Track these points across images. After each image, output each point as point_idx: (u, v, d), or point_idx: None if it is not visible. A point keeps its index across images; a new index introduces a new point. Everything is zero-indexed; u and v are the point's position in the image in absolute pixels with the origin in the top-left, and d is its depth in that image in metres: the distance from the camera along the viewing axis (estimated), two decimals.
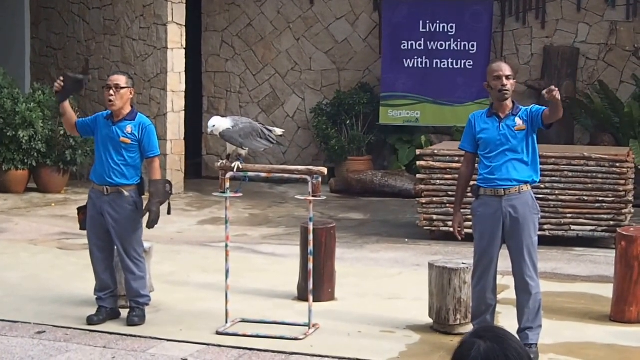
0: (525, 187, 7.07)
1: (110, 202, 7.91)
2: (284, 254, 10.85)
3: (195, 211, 14.11)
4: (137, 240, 8.04)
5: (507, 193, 7.05)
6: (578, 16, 15.74)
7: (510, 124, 7.09)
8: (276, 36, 17.19)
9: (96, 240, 8.00)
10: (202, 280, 9.52)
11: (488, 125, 7.18)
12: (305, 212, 8.43)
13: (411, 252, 11.18)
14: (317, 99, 16.85)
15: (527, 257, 7.03)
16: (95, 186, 7.98)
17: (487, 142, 7.17)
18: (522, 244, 7.02)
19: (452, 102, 15.92)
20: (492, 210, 7.08)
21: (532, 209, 7.08)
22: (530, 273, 7.05)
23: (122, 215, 7.92)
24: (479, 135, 7.21)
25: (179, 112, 15.60)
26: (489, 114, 7.22)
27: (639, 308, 8.17)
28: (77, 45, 17.09)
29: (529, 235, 7.04)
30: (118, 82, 7.98)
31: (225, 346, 7.49)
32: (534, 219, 7.09)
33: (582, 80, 15.62)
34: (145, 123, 8.04)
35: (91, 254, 8.05)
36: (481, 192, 7.19)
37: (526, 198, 7.06)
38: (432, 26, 15.99)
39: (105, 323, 7.99)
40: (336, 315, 8.33)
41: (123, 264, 8.00)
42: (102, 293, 8.06)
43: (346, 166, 16.07)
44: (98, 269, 8.04)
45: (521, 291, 7.12)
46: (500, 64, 7.33)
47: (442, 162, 11.72)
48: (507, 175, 7.05)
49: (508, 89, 7.10)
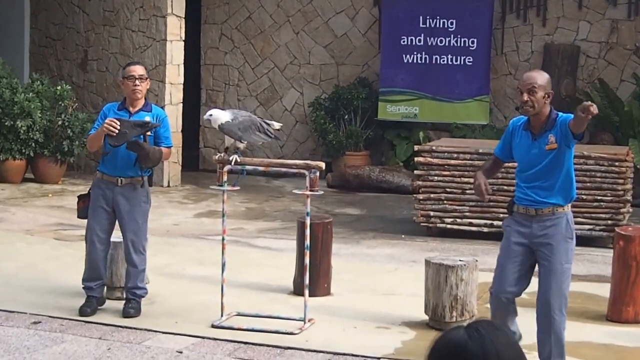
0: (561, 209, 6.53)
1: (124, 193, 7.91)
2: (280, 248, 10.84)
3: (192, 204, 14.09)
4: (145, 234, 8.07)
5: (538, 213, 6.54)
6: (579, 14, 15.71)
7: (542, 143, 6.52)
8: (275, 30, 17.16)
9: (98, 232, 7.99)
10: (197, 273, 9.50)
11: (522, 140, 6.63)
12: (302, 206, 8.44)
13: (408, 248, 11.17)
14: (316, 93, 16.82)
15: (553, 284, 6.48)
16: (107, 177, 7.94)
17: (519, 160, 6.73)
18: (551, 270, 6.49)
19: (451, 99, 15.89)
20: (522, 229, 6.61)
21: (566, 234, 6.54)
22: (557, 305, 6.49)
23: (135, 208, 7.93)
24: (514, 149, 6.74)
25: (177, 104, 15.57)
26: (525, 127, 6.65)
27: (636, 308, 8.17)
28: (76, 36, 17.05)
29: (559, 262, 6.50)
30: (142, 73, 8.00)
31: (220, 339, 7.49)
32: (566, 245, 6.54)
33: (582, 79, 15.60)
34: (161, 115, 8.12)
35: (91, 244, 8.02)
36: (514, 208, 6.72)
37: (560, 221, 6.53)
38: (432, 22, 15.95)
39: (101, 314, 7.99)
40: (332, 311, 8.32)
41: (128, 257, 7.99)
42: (93, 283, 8.06)
43: (344, 161, 16.04)
44: (96, 259, 8.02)
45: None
46: (528, 75, 6.69)
47: (440, 158, 11.70)
48: (536, 196, 6.53)
49: (529, 106, 6.50)
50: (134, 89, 7.91)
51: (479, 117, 15.71)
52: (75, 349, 7.23)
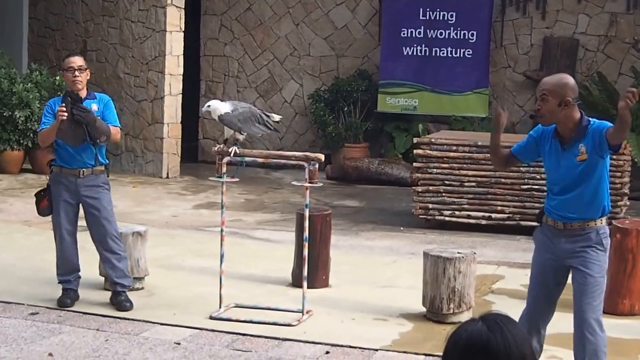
0: (593, 223, 6.00)
1: (88, 184, 7.95)
2: (279, 240, 10.84)
3: (191, 195, 14.09)
4: (115, 221, 8.14)
5: (567, 228, 6.02)
6: (578, 7, 15.71)
7: (572, 154, 5.98)
8: (275, 21, 17.15)
9: (67, 225, 8.04)
10: (196, 265, 9.51)
11: (552, 149, 6.07)
12: (301, 198, 8.44)
13: (406, 240, 11.18)
14: (315, 85, 16.82)
15: (585, 298, 5.97)
16: (67, 170, 7.97)
17: (549, 170, 6.19)
18: (582, 283, 5.99)
19: (451, 91, 15.89)
20: (550, 243, 6.12)
21: (598, 245, 6.01)
22: (590, 321, 5.98)
23: (101, 196, 8.00)
24: (544, 158, 6.17)
25: (176, 95, 15.56)
26: (554, 134, 6.06)
27: (632, 300, 8.20)
28: (75, 26, 17.03)
29: (587, 274, 5.97)
30: (81, 64, 8.03)
31: (218, 331, 7.49)
32: (597, 256, 6.01)
33: (581, 72, 15.59)
34: (105, 98, 8.18)
35: (61, 239, 8.06)
36: (544, 219, 6.20)
37: (591, 234, 6.00)
38: (432, 14, 15.95)
39: (99, 306, 8.00)
40: (330, 302, 8.33)
41: (106, 247, 8.01)
42: (70, 276, 8.11)
43: (343, 153, 16.04)
44: (69, 253, 8.09)
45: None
46: (543, 80, 6.12)
47: (439, 150, 11.71)
48: (566, 211, 6.02)
49: (542, 114, 5.99)
50: (74, 80, 7.97)
51: (478, 109, 15.72)
52: (73, 340, 7.24)
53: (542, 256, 6.16)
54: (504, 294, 8.81)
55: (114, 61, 16.24)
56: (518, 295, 8.31)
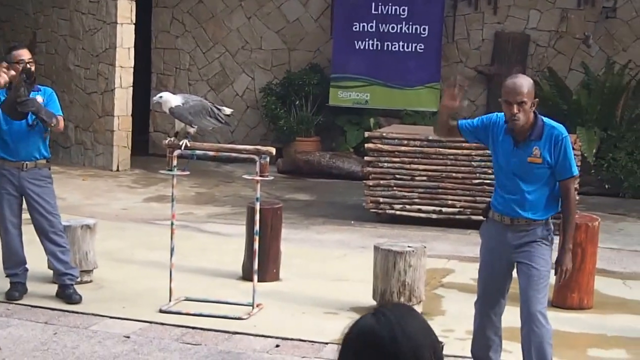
0: (540, 220, 6.04)
1: (30, 177, 7.90)
2: (230, 233, 10.82)
3: (141, 188, 14.01)
4: (59, 214, 8.10)
5: (514, 223, 6.05)
6: (529, 3, 15.81)
7: (525, 153, 5.99)
8: (227, 14, 17.09)
9: (12, 217, 8.00)
10: (146, 258, 9.46)
11: (504, 143, 6.05)
12: (252, 191, 8.42)
13: (357, 234, 11.19)
14: (267, 78, 16.79)
15: (531, 290, 6.01)
16: (9, 163, 7.90)
17: (498, 163, 6.16)
18: (528, 275, 6.02)
19: (402, 86, 15.93)
20: (496, 237, 6.14)
21: (543, 240, 6.06)
22: (536, 314, 6.03)
23: (44, 189, 7.97)
24: (496, 148, 6.12)
25: (127, 88, 15.46)
26: (507, 130, 6.03)
27: (580, 294, 8.27)
28: (25, 17, 16.86)
29: (532, 267, 6.02)
30: (30, 57, 7.95)
31: (168, 324, 7.47)
32: (542, 250, 6.06)
33: (532, 67, 15.70)
34: (48, 90, 8.15)
35: (6, 232, 8.02)
36: (490, 214, 6.20)
37: (537, 229, 6.04)
38: (384, 8, 15.97)
39: (47, 299, 7.94)
40: (280, 296, 8.33)
41: (49, 239, 7.96)
42: (18, 269, 8.07)
43: (294, 147, 16.03)
44: (15, 246, 8.05)
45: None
46: (514, 85, 5.96)
47: (391, 145, 11.73)
48: (512, 208, 6.03)
49: (518, 119, 5.90)
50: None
51: (430, 104, 15.76)
52: (21, 334, 7.18)
53: (489, 249, 6.21)
54: (454, 288, 8.86)
55: (64, 53, 16.10)
56: (468, 289, 8.35)
